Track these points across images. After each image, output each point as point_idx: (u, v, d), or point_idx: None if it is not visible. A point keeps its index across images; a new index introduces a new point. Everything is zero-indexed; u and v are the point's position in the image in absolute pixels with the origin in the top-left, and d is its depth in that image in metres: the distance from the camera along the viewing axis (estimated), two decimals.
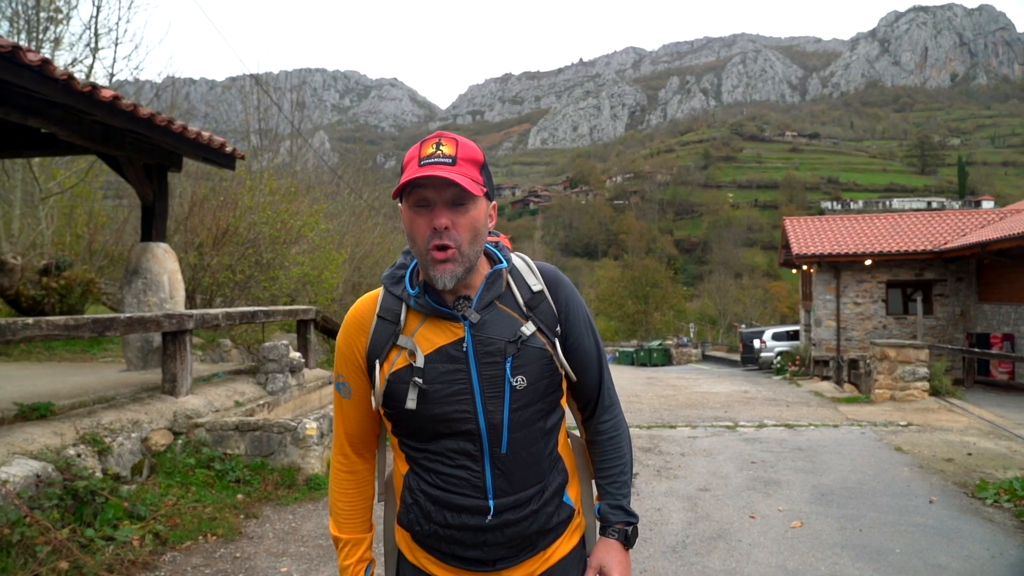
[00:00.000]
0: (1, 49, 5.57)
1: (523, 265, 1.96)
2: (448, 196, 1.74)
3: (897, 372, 14.92)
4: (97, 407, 6.66)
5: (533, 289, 1.90)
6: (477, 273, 1.86)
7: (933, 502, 6.74)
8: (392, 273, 1.95)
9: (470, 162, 1.77)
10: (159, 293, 9.05)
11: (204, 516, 5.96)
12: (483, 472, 1.81)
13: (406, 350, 1.82)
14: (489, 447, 1.81)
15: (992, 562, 5.15)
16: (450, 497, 1.82)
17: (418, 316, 1.86)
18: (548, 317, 1.89)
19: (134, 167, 8.91)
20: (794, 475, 7.96)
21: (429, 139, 1.79)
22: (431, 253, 1.75)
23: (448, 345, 1.81)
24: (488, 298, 1.85)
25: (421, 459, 1.86)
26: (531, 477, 1.85)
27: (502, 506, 1.81)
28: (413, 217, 1.78)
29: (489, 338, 1.81)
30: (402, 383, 1.81)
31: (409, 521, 1.90)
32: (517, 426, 1.82)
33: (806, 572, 5.00)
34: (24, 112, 6.87)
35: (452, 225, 1.75)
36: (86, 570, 4.70)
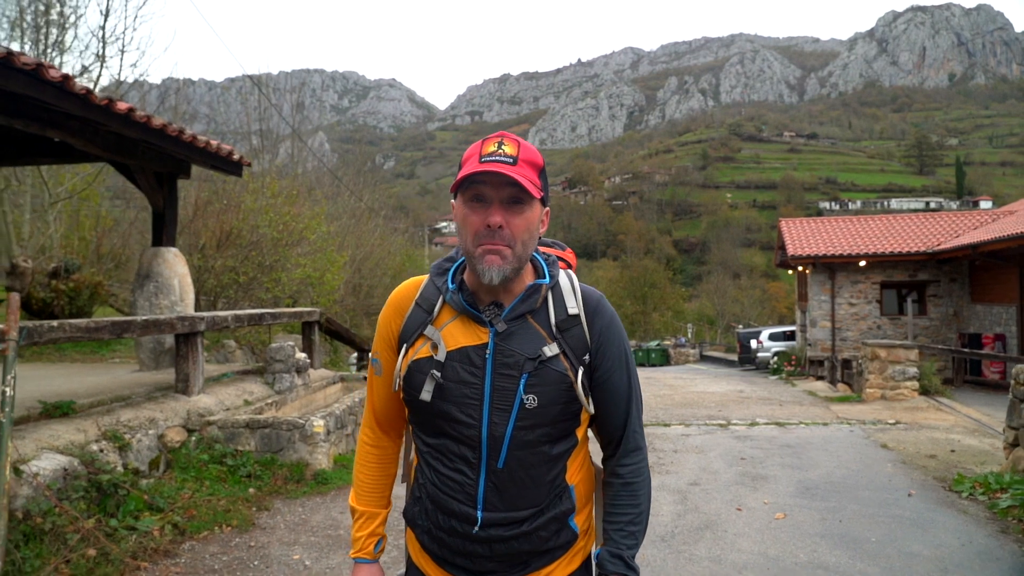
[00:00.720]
0: (26, 66, 5.89)
1: (567, 285, 1.92)
2: (505, 194, 1.75)
3: (888, 372, 15.26)
4: (115, 405, 6.98)
5: (569, 312, 1.86)
6: (520, 280, 1.85)
7: (912, 495, 7.09)
8: (440, 264, 1.97)
9: (530, 164, 1.78)
10: (170, 296, 9.38)
11: (219, 508, 6.29)
12: (476, 482, 1.81)
13: (431, 341, 1.84)
14: (487, 459, 1.80)
15: (961, 550, 5.48)
16: (443, 499, 1.84)
17: (450, 312, 1.87)
18: (577, 343, 1.85)
19: (145, 175, 9.24)
20: (781, 471, 8.30)
21: (491, 138, 1.79)
22: (480, 247, 1.75)
23: (470, 347, 1.81)
24: (520, 310, 1.83)
25: (427, 453, 1.88)
26: (526, 499, 1.82)
27: (490, 520, 1.80)
28: (467, 212, 1.78)
29: (510, 350, 1.79)
30: (420, 372, 1.82)
31: (412, 515, 1.94)
32: (519, 444, 1.79)
33: (786, 559, 5.33)
34: (43, 124, 7.20)
35: (506, 224, 1.74)
36: (112, 557, 5.03)
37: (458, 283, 1.87)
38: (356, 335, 15.66)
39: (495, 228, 1.73)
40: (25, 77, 5.98)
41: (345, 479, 7.60)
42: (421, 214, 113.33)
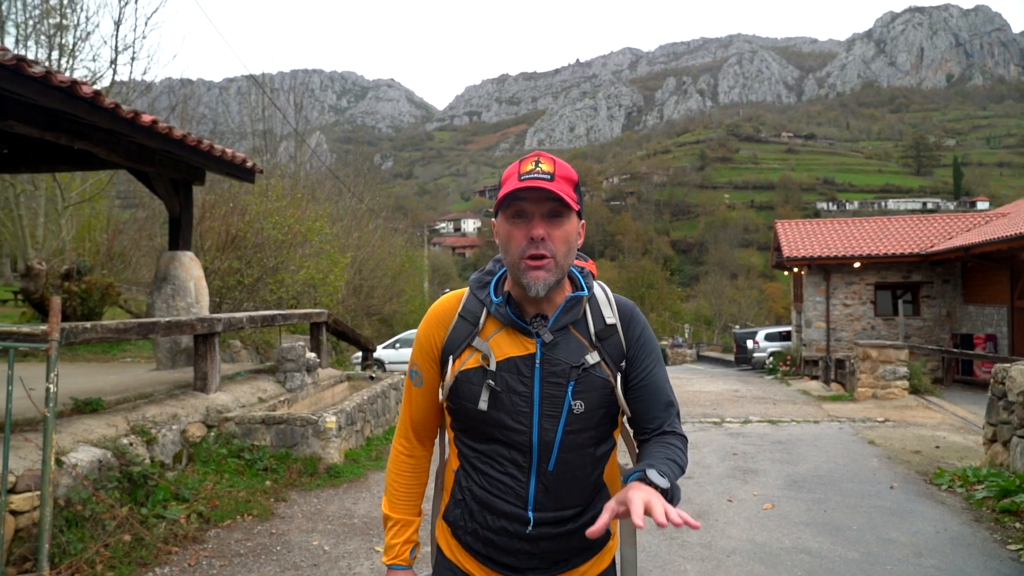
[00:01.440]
0: (62, 84, 6.27)
1: (602, 296, 2.03)
2: (546, 209, 1.83)
3: (879, 371, 15.66)
4: (139, 402, 7.37)
5: (607, 321, 1.97)
6: (560, 292, 1.94)
7: (894, 488, 7.49)
8: (480, 278, 2.05)
9: (566, 180, 1.85)
10: (186, 298, 9.77)
11: (239, 499, 6.68)
12: (528, 484, 1.89)
13: (479, 352, 1.92)
14: (538, 462, 1.88)
15: (936, 537, 5.88)
16: (493, 501, 1.91)
17: (495, 324, 1.94)
18: (615, 350, 1.95)
19: (163, 181, 9.63)
20: (771, 465, 8.70)
21: (528, 157, 1.88)
22: (525, 261, 1.83)
23: (518, 358, 1.89)
24: (564, 321, 1.92)
25: (473, 458, 1.95)
26: (574, 498, 1.92)
27: (541, 520, 1.88)
28: (510, 228, 1.86)
29: (557, 359, 1.88)
30: (470, 383, 1.90)
31: (455, 517, 2.00)
32: (568, 447, 1.88)
33: (772, 545, 5.73)
34: (72, 135, 7.60)
35: (548, 236, 1.83)
36: (146, 542, 5.42)
37: (504, 296, 1.94)
38: (361, 335, 16.00)
39: (538, 240, 1.81)
40: (60, 94, 6.37)
41: (356, 473, 7.99)
42: (419, 214, 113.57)
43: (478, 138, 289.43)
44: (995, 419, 7.95)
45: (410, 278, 38.19)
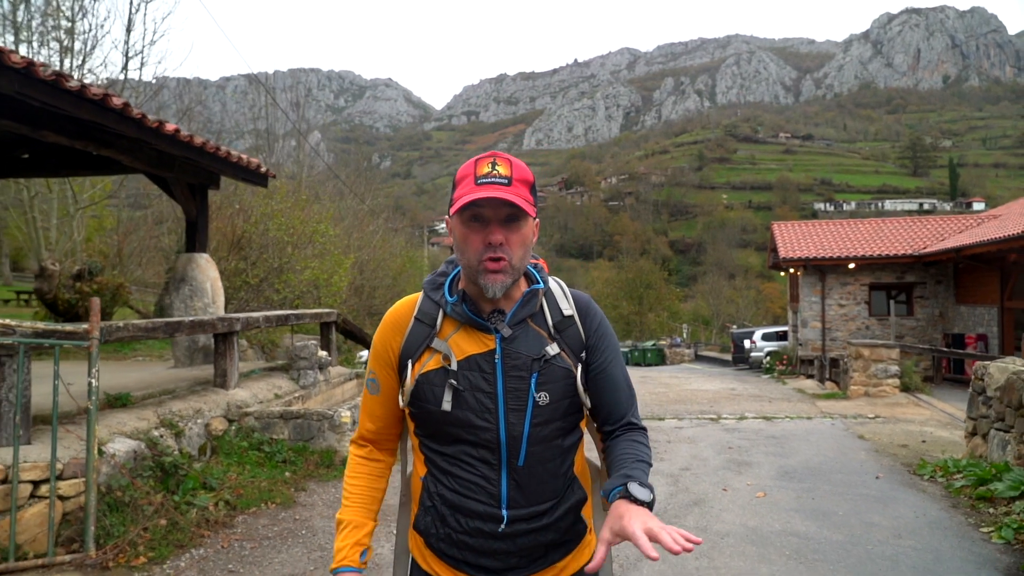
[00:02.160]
0: (94, 96, 6.68)
1: (558, 290, 2.05)
2: (503, 214, 1.83)
3: (871, 370, 16.08)
4: (164, 398, 7.78)
5: (564, 313, 1.99)
6: (516, 288, 1.95)
7: (879, 478, 7.92)
8: (433, 279, 2.03)
9: (522, 182, 1.85)
10: (203, 298, 10.17)
11: (262, 488, 7.09)
12: (499, 482, 1.88)
13: (439, 353, 1.91)
14: (507, 458, 1.87)
15: (915, 520, 6.30)
16: (465, 502, 1.88)
17: (453, 323, 1.94)
18: (574, 341, 1.97)
19: (180, 186, 10.03)
20: (764, 458, 9.12)
21: (484, 158, 1.86)
22: (484, 263, 1.83)
23: (478, 355, 1.89)
24: (521, 315, 1.92)
25: (440, 462, 1.93)
26: (546, 492, 1.91)
27: (515, 517, 1.87)
28: (467, 232, 1.85)
29: (517, 352, 1.89)
30: (431, 384, 1.89)
31: (425, 524, 1.96)
32: (536, 440, 1.88)
33: (763, 528, 6.15)
34: (99, 143, 8.01)
35: (506, 241, 1.83)
36: (181, 526, 5.82)
37: (459, 295, 1.94)
38: (368, 335, 16.38)
39: (496, 245, 1.82)
40: (92, 105, 6.79)
41: None
42: (418, 214, 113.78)
43: (476, 138, 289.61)
44: (975, 414, 8.38)
45: (410, 278, 38.55)
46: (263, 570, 5.19)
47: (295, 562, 5.38)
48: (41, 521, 5.14)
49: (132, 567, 5.09)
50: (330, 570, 2.00)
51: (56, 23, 15.62)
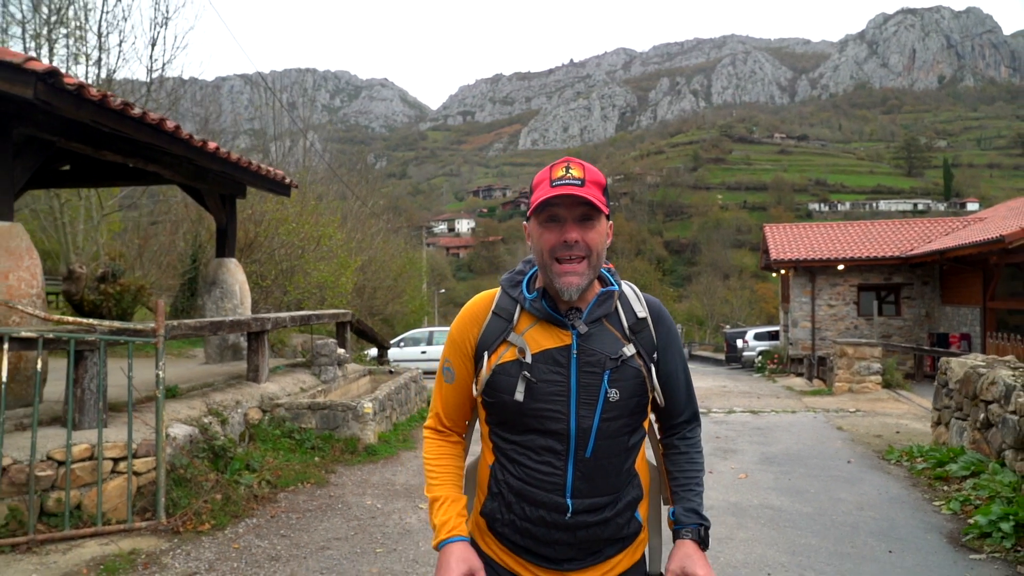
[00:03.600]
0: (152, 121, 7.51)
1: (631, 293, 2.11)
2: (578, 213, 1.90)
3: (854, 367, 16.96)
4: (207, 390, 8.62)
5: (638, 315, 2.05)
6: (590, 289, 2.00)
7: (850, 462, 8.80)
8: (511, 277, 2.11)
9: (595, 184, 1.93)
10: (232, 300, 11.02)
11: (296, 470, 7.93)
12: (565, 472, 1.94)
13: (515, 346, 1.97)
14: (575, 449, 1.93)
15: (877, 496, 7.17)
16: (531, 491, 1.95)
17: (530, 319, 2.00)
18: (647, 343, 2.03)
19: (212, 197, 10.88)
20: (749, 446, 9.99)
21: (559, 163, 1.94)
22: (557, 266, 1.90)
23: (554, 349, 1.95)
24: (597, 314, 1.98)
25: (509, 451, 2.00)
26: (609, 485, 1.97)
27: (579, 507, 1.94)
28: (543, 232, 1.93)
29: (592, 350, 1.94)
30: (507, 375, 1.96)
31: (491, 510, 2.04)
32: (604, 435, 1.94)
33: (743, 503, 7.01)
34: (147, 159, 8.87)
35: (581, 238, 1.90)
36: (234, 500, 6.66)
37: (538, 291, 2.01)
38: (378, 334, 17.22)
39: (572, 243, 1.89)
40: (150, 129, 7.63)
41: (389, 451, 9.24)
42: (414, 214, 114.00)
43: (472, 138, 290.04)
44: (940, 405, 9.26)
45: (410, 279, 39.29)
46: (310, 535, 6.03)
47: (336, 529, 6.22)
48: (120, 493, 5.98)
49: (199, 532, 5.94)
50: (436, 544, 2.01)
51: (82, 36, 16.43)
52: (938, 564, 5.29)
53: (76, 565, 5.13)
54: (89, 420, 6.13)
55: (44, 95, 6.03)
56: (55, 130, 7.15)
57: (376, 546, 5.75)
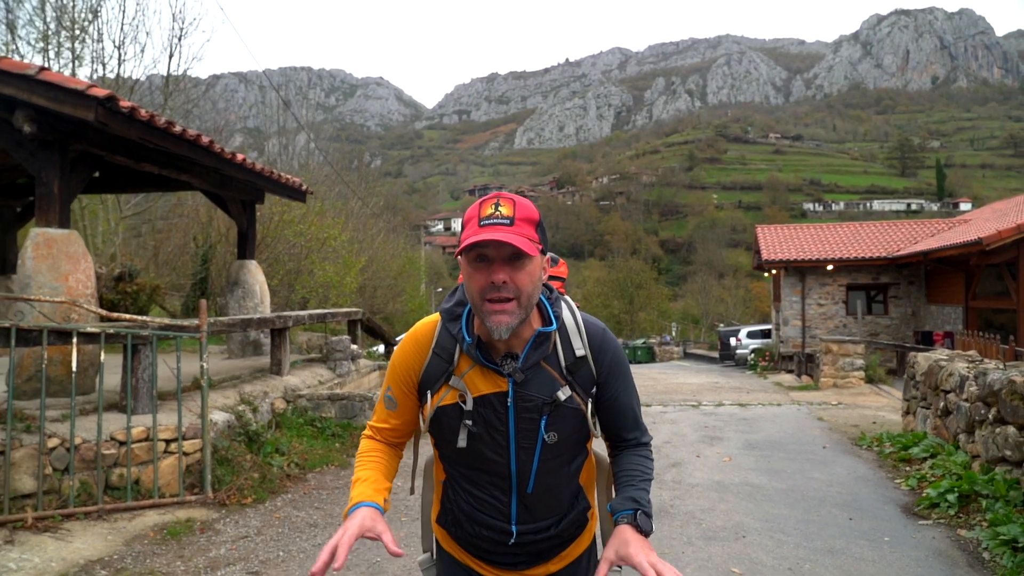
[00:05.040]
0: (190, 136, 8.29)
1: (572, 325, 2.05)
2: (506, 253, 1.84)
3: (839, 363, 17.79)
4: (235, 382, 9.40)
5: (576, 354, 2.01)
6: (527, 325, 1.96)
7: (825, 448, 9.61)
8: (451, 309, 2.06)
9: (526, 221, 1.87)
10: (253, 299, 11.80)
11: (320, 454, 8.72)
12: (509, 503, 2.00)
13: (456, 390, 1.97)
14: (517, 486, 1.99)
15: (846, 475, 7.98)
16: (478, 515, 2.02)
17: (469, 360, 1.99)
18: (586, 380, 2.01)
19: (234, 203, 11.65)
20: (734, 434, 10.79)
21: (488, 199, 1.89)
22: (487, 305, 1.86)
23: (492, 395, 1.94)
24: (533, 358, 1.96)
25: (458, 477, 2.06)
26: (553, 510, 2.04)
27: (524, 530, 2.01)
28: (472, 272, 1.88)
29: (529, 395, 1.93)
30: (448, 417, 1.97)
31: (445, 523, 2.13)
32: (544, 472, 1.99)
33: (725, 481, 7.82)
34: (179, 170, 9.64)
35: (510, 280, 1.84)
36: (269, 478, 7.45)
37: (475, 337, 1.97)
38: (385, 331, 17.99)
39: (499, 284, 1.84)
40: (187, 144, 8.40)
41: None
42: (410, 213, 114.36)
43: (467, 137, 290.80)
44: (908, 396, 10.07)
45: (409, 278, 39.97)
46: (341, 507, 6.81)
47: None
48: (172, 470, 6.75)
49: (243, 504, 6.72)
50: (345, 513, 1.93)
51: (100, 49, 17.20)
52: (891, 529, 6.09)
53: (142, 530, 5.91)
54: (143, 406, 6.90)
55: (103, 117, 6.81)
56: (104, 146, 7.93)
57: (400, 515, 6.54)
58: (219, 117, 35.91)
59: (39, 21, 17.22)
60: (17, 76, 6.69)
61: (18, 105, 6.90)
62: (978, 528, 5.85)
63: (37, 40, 17.25)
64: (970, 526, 5.99)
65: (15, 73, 6.68)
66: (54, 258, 7.28)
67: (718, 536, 5.91)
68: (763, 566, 5.28)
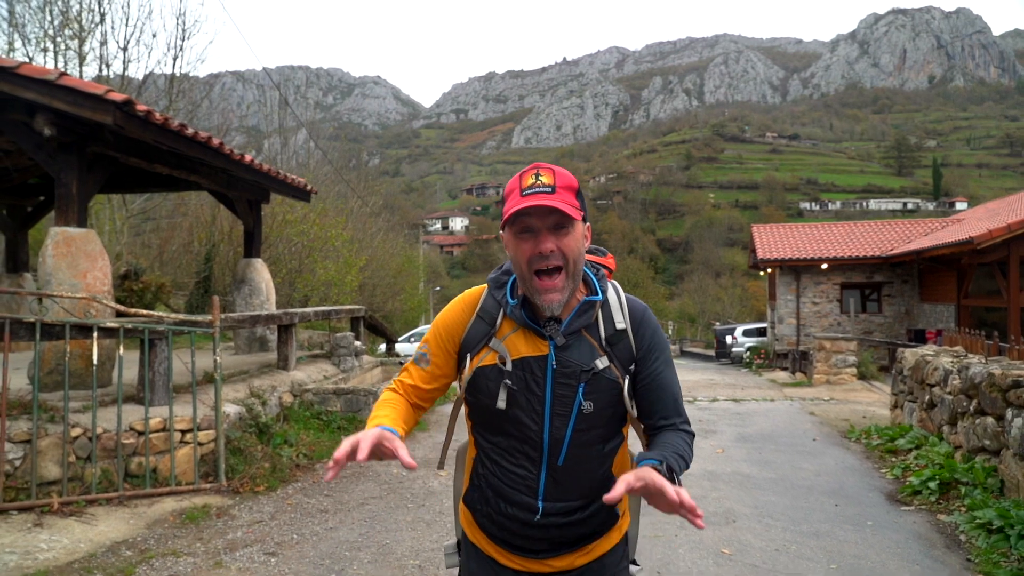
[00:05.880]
0: (202, 138, 8.57)
1: (615, 300, 2.08)
2: (551, 222, 1.87)
3: (832, 360, 18.11)
4: (244, 376, 9.69)
5: (617, 327, 2.02)
6: (573, 296, 1.98)
7: (815, 440, 9.92)
8: (497, 278, 2.10)
9: (567, 189, 1.88)
10: (259, 297, 12.09)
11: (327, 446, 9.01)
12: (538, 476, 1.97)
13: (496, 352, 1.98)
14: (548, 457, 1.96)
15: (834, 466, 8.30)
16: (506, 490, 2.00)
17: (511, 324, 2.00)
18: (625, 354, 2.01)
19: (241, 203, 11.93)
20: (728, 427, 11.11)
21: (528, 170, 1.91)
22: (536, 281, 1.89)
23: (531, 358, 1.95)
24: (576, 325, 1.97)
25: (488, 449, 2.04)
26: (581, 490, 1.99)
27: (550, 509, 1.97)
28: (518, 243, 1.90)
29: (568, 361, 1.94)
30: (486, 379, 1.98)
31: (472, 500, 2.10)
32: (577, 445, 1.95)
33: (718, 471, 8.13)
34: (189, 171, 9.92)
35: (556, 247, 1.87)
36: (279, 467, 7.75)
37: (519, 298, 2.00)
38: (387, 328, 18.29)
39: (548, 254, 1.87)
40: (199, 146, 8.69)
41: None
42: (408, 212, 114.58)
43: (465, 136, 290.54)
44: (896, 390, 10.40)
45: (408, 277, 40.24)
46: (350, 495, 7.12)
47: (370, 491, 7.31)
48: (188, 459, 7.05)
49: (256, 492, 7.02)
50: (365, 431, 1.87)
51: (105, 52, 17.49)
52: (874, 514, 6.40)
53: (162, 515, 6.21)
54: (159, 398, 7.19)
55: (120, 120, 7.09)
56: (119, 148, 8.22)
57: (407, 502, 6.84)
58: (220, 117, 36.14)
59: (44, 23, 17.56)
60: (38, 81, 6.97)
61: (39, 109, 7.18)
62: (956, 513, 6.17)
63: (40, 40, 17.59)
64: (949, 511, 6.31)
65: (37, 78, 6.96)
66: (73, 256, 7.57)
67: (710, 521, 6.21)
68: (751, 547, 5.58)
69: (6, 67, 6.93)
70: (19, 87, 6.97)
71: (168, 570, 5.03)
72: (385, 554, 5.48)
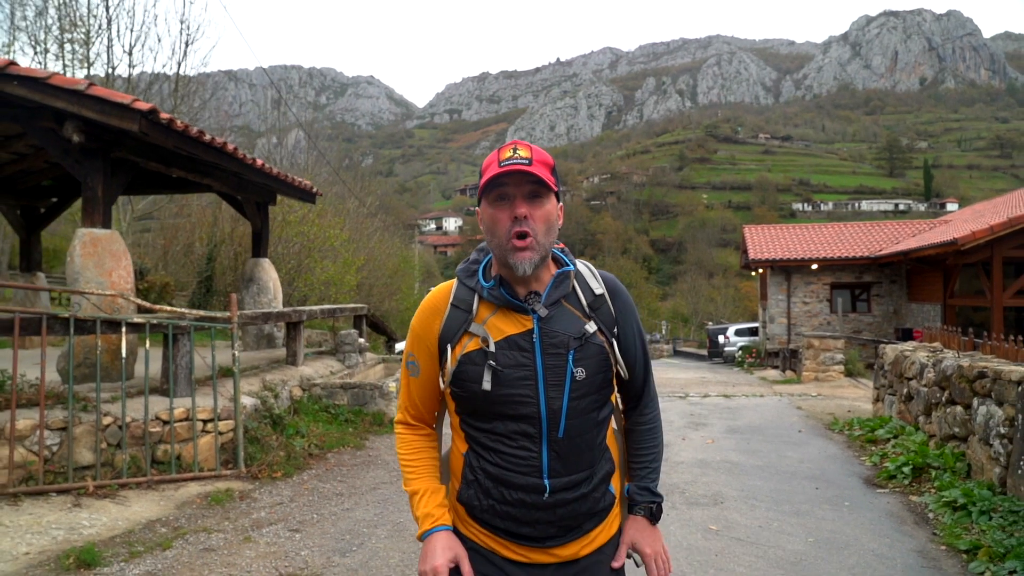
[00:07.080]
0: (218, 144, 9.02)
1: (587, 271, 2.14)
2: (527, 191, 1.93)
3: (820, 358, 18.62)
4: (256, 371, 10.14)
5: (595, 292, 2.07)
6: (546, 270, 2.04)
7: (801, 432, 10.42)
8: (466, 267, 2.13)
9: (543, 164, 1.95)
10: (267, 295, 12.54)
11: (336, 437, 9.47)
12: (540, 453, 1.97)
13: (477, 336, 2.00)
14: (548, 431, 1.96)
15: (817, 455, 8.79)
16: (508, 475, 1.98)
17: (489, 307, 2.03)
18: (607, 319, 2.06)
19: (250, 204, 12.38)
20: (718, 421, 11.61)
21: (506, 145, 1.97)
22: (511, 242, 1.93)
23: (517, 335, 1.98)
24: (555, 296, 2.01)
25: (482, 438, 2.02)
26: (583, 462, 2.01)
27: (556, 486, 1.97)
28: (494, 212, 1.96)
29: (554, 331, 1.98)
30: (473, 364, 1.98)
31: (468, 497, 2.06)
32: (574, 413, 1.98)
33: (707, 459, 8.62)
34: (202, 174, 10.37)
35: (530, 215, 1.93)
36: (293, 456, 8.21)
37: (495, 279, 2.03)
38: (388, 326, 18.74)
39: (521, 218, 1.92)
40: (215, 151, 9.13)
41: None
42: (401, 212, 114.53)
43: (459, 136, 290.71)
44: (878, 384, 10.90)
45: (404, 276, 40.62)
46: (361, 480, 7.58)
47: (380, 477, 7.77)
48: (209, 447, 7.50)
49: (274, 478, 7.48)
50: (420, 535, 2.05)
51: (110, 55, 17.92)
52: (851, 496, 6.89)
53: (189, 497, 6.66)
54: (182, 389, 7.63)
55: (145, 128, 7.54)
56: (140, 153, 8.68)
57: (403, 504, 7.29)
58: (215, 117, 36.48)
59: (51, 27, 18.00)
60: (68, 91, 7.41)
61: (68, 117, 7.62)
62: (927, 494, 6.68)
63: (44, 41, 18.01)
64: (920, 493, 6.82)
65: (67, 88, 7.40)
66: (99, 255, 8.02)
67: (699, 503, 6.69)
68: (737, 524, 6.07)
69: (38, 77, 7.37)
70: (49, 96, 7.41)
71: (202, 544, 5.49)
72: (400, 531, 5.94)
